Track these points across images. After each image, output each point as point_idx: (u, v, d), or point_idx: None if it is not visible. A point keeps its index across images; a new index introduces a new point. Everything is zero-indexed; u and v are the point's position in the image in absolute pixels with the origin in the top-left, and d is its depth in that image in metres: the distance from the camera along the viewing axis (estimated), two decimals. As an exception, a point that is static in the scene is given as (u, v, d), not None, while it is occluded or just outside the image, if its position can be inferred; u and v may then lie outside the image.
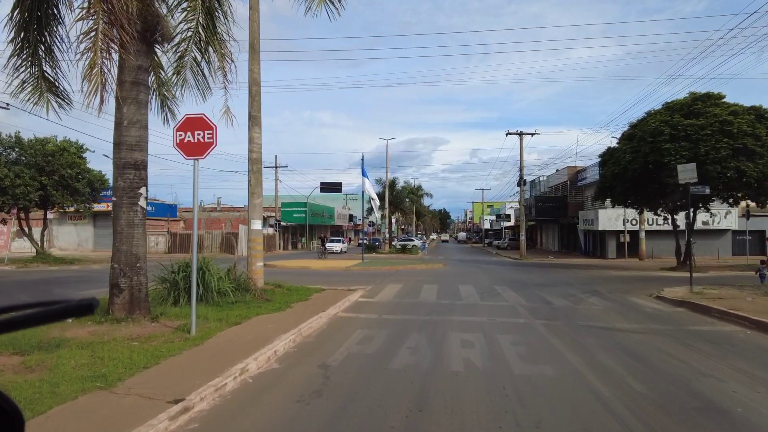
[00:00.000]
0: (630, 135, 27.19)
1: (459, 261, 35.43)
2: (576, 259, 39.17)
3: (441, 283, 18.17)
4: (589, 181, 43.35)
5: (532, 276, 22.43)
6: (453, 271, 24.18)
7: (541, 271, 26.13)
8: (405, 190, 57.46)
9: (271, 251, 48.42)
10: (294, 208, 57.16)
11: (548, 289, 16.98)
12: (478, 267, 28.47)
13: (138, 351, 6.82)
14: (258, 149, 14.05)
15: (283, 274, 21.74)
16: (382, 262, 28.70)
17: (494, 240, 71.67)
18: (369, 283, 17.99)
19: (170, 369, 6.10)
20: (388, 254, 42.30)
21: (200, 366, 6.23)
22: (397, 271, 23.77)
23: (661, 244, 39.34)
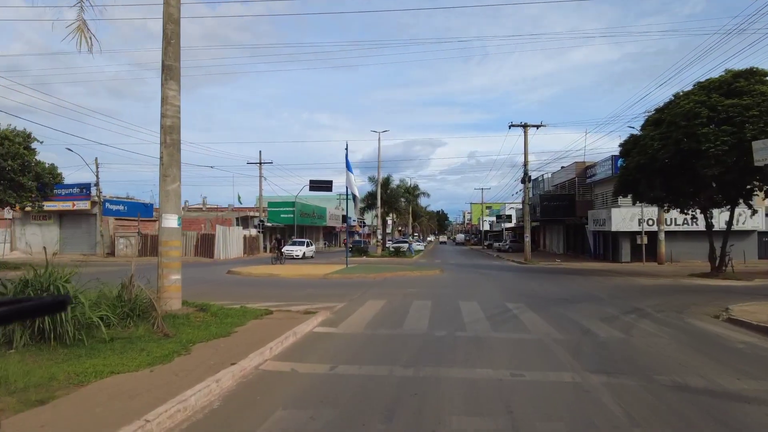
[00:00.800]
0: (656, 120, 22.98)
1: (458, 266, 31.16)
2: (587, 263, 34.93)
3: (436, 297, 13.91)
4: (599, 178, 39.16)
5: (548, 285, 18.18)
6: (451, 280, 19.94)
7: (553, 278, 21.87)
8: (400, 189, 53.20)
9: (253, 254, 44.15)
10: (281, 208, 52.95)
11: (576, 306, 12.73)
12: (480, 273, 24.22)
13: None
14: (175, 113, 9.81)
15: (241, 285, 17.48)
16: (369, 267, 24.44)
17: (494, 242, 67.41)
18: (343, 297, 13.73)
19: None
20: (379, 258, 38.05)
21: None
22: (384, 280, 19.50)
23: (681, 246, 35.16)
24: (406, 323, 9.79)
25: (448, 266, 29.98)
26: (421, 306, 12.16)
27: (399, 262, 33.48)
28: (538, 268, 30.42)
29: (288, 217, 52.67)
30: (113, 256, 39.75)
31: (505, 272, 25.67)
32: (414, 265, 30.29)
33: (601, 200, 39.97)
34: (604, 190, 39.07)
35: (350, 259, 36.91)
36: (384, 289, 16.31)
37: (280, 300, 13.07)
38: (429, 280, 19.34)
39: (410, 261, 35.66)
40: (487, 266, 31.28)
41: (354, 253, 39.12)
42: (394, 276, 20.87)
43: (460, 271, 25.30)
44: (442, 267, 28.01)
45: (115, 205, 42.90)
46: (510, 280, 20.90)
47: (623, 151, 24.70)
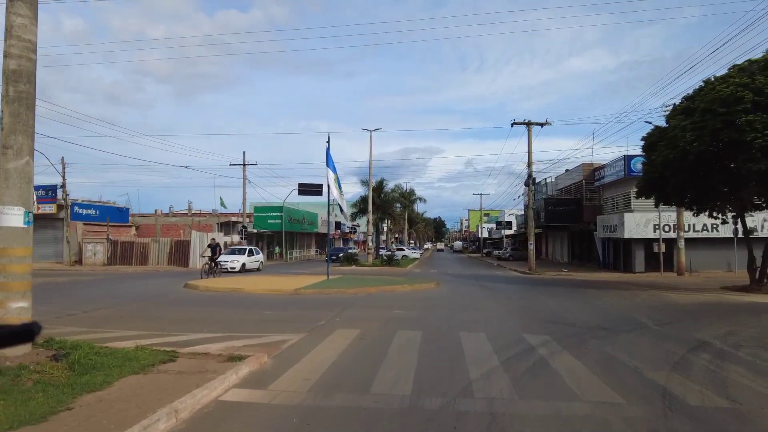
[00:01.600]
0: (686, 109, 19.56)
1: (456, 277, 27.60)
2: (597, 274, 31.43)
3: (429, 325, 10.34)
4: (609, 180, 35.73)
5: (567, 303, 14.63)
6: (449, 296, 16.37)
7: (569, 293, 18.33)
8: (394, 194, 49.72)
9: (235, 263, 40.46)
10: (268, 213, 49.35)
11: (621, 340, 9.20)
12: (482, 287, 20.67)
13: None
14: (25, 51, 6.29)
15: (186, 304, 13.91)
16: (354, 280, 20.89)
17: (494, 249, 63.91)
18: (305, 325, 10.17)
19: None
20: (370, 267, 34.48)
21: None
22: (367, 296, 15.94)
23: (700, 255, 31.66)
24: (379, 379, 6.20)
25: (445, 277, 26.43)
26: (407, 341, 8.59)
27: (390, 272, 29.91)
28: (546, 279, 26.89)
29: (275, 223, 49.08)
30: (81, 264, 36.12)
31: (511, 285, 22.13)
32: (407, 276, 26.73)
33: (611, 204, 36.53)
34: (614, 194, 35.65)
35: (338, 269, 33.39)
36: (363, 310, 12.73)
37: (219, 329, 9.52)
38: (422, 297, 15.77)
39: (404, 271, 32.10)
40: (489, 277, 27.73)
41: (343, 261, 35.59)
42: (380, 291, 17.31)
43: (459, 284, 21.75)
44: (438, 279, 24.46)
45: (85, 209, 39.30)
46: (519, 295, 17.35)
47: (647, 146, 21.25)
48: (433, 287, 19.18)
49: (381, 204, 47.99)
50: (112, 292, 17.20)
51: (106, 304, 13.78)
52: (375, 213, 48.48)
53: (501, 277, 28.46)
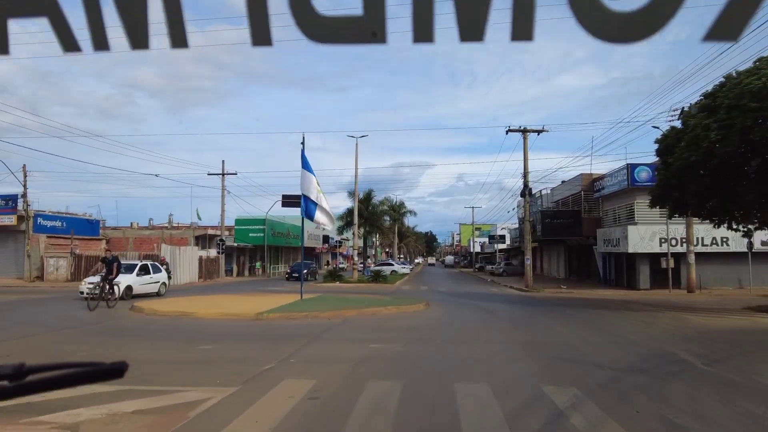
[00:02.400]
0: (708, 107, 17.24)
1: (449, 295, 24.94)
2: (599, 291, 28.91)
3: (412, 371, 7.66)
4: (609, 191, 33.41)
5: (585, 334, 11.99)
6: (440, 322, 13.69)
7: (581, 317, 15.72)
8: (383, 206, 47.18)
9: (212, 278, 37.62)
10: (250, 226, 46.56)
11: (674, 390, 6.59)
12: (479, 308, 18.02)
13: None
14: None
15: (116, 335, 11.17)
16: (332, 300, 18.20)
17: (486, 264, 61.35)
18: (240, 372, 7.44)
19: None
20: (355, 284, 31.75)
21: None
22: (342, 322, 13.23)
23: (709, 270, 29.18)
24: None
25: (436, 296, 23.77)
26: (379, 401, 5.91)
27: (376, 289, 27.20)
28: (547, 298, 24.29)
29: (258, 236, 46.30)
30: (42, 279, 33.12)
31: (511, 306, 19.50)
32: (394, 294, 24.05)
33: (612, 217, 34.16)
34: (616, 205, 33.28)
35: (319, 286, 30.64)
36: (331, 344, 10.04)
37: (137, 372, 6.79)
38: (408, 323, 13.08)
39: (391, 288, 29.40)
40: (485, 296, 25.09)
41: (327, 278, 32.85)
42: (359, 315, 14.61)
43: (452, 305, 19.09)
44: (428, 297, 21.81)
45: (50, 220, 36.36)
46: (522, 320, 14.72)
47: (662, 149, 18.84)
48: (422, 309, 16.51)
49: (369, 216, 45.41)
50: (38, 317, 14.38)
51: (15, 334, 11.01)
52: (362, 226, 45.88)
53: (497, 295, 25.83)
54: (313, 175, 17.87)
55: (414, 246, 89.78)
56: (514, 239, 55.23)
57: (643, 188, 30.90)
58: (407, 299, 19.12)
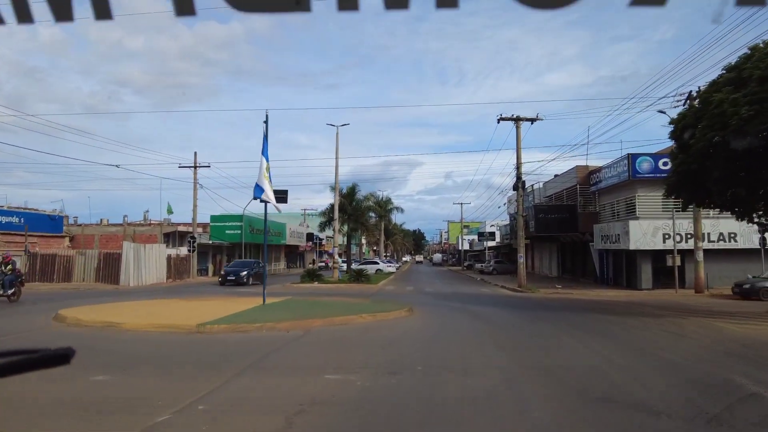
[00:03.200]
0: (734, 80, 14.73)
1: (436, 297, 22.31)
2: (598, 291, 26.47)
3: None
4: (608, 184, 30.99)
5: (610, 353, 9.34)
6: (424, 336, 10.97)
7: (595, 326, 13.13)
8: (367, 201, 44.42)
9: (182, 278, 34.66)
10: (227, 222, 43.58)
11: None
12: (471, 315, 15.38)
13: None
14: None
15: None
16: (299, 305, 15.51)
17: (475, 262, 58.88)
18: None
19: None
20: (334, 284, 29.01)
21: None
22: (301, 337, 10.51)
23: (715, 269, 26.77)
24: None
25: (422, 298, 21.14)
26: None
27: (357, 291, 24.51)
28: (543, 300, 21.77)
29: (234, 233, 43.31)
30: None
31: (507, 310, 16.90)
32: (375, 296, 21.40)
33: (610, 211, 31.77)
34: (615, 199, 30.88)
35: (294, 287, 27.85)
36: (271, 374, 7.29)
37: None
38: (383, 338, 10.37)
39: (373, 289, 26.72)
40: (476, 298, 22.49)
41: (304, 278, 30.07)
42: (327, 325, 11.90)
43: (440, 310, 16.44)
44: (413, 300, 19.18)
45: (5, 216, 33.19)
46: (524, 331, 12.07)
47: (679, 129, 16.28)
48: (403, 316, 13.83)
49: (353, 212, 42.59)
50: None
51: None
52: (346, 222, 43.13)
53: (489, 297, 23.24)
54: (264, 159, 15.16)
55: (401, 244, 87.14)
56: (504, 236, 52.84)
57: (645, 180, 28.56)
58: (388, 304, 16.43)
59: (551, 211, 34.97)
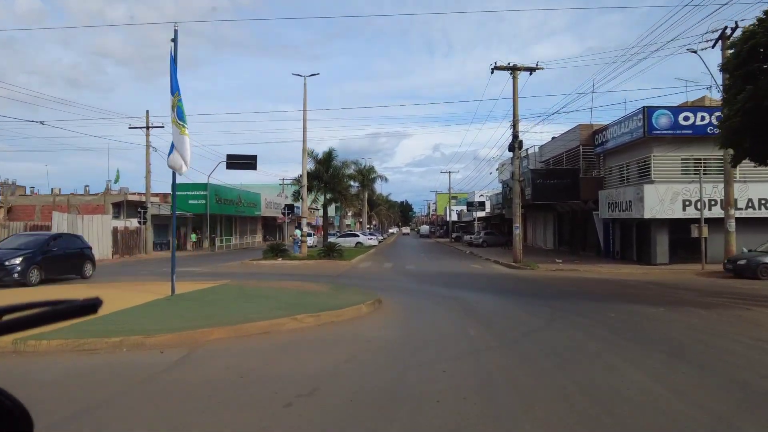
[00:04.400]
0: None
1: (418, 278, 17.94)
2: (609, 267, 22.27)
3: None
4: (617, 144, 26.53)
5: (706, 398, 5.04)
6: (382, 359, 6.53)
7: (639, 326, 8.81)
8: (345, 168, 39.69)
9: (131, 254, 29.97)
10: (190, 192, 38.68)
11: None
12: (460, 305, 10.98)
13: None
14: None
15: None
16: (224, 296, 11.02)
17: (464, 234, 54.69)
18: None
19: None
20: (302, 261, 24.50)
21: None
22: (180, 360, 6.07)
23: (744, 240, 22.40)
24: None
25: (400, 280, 16.77)
26: None
27: (322, 271, 20.06)
28: (548, 280, 17.49)
29: (199, 204, 38.53)
30: None
31: (509, 299, 12.52)
32: (342, 278, 17.00)
33: (618, 176, 27.44)
34: (626, 161, 26.51)
35: (250, 264, 23.20)
36: None
37: None
38: (304, 377, 5.75)
39: (344, 267, 22.29)
40: (467, 278, 18.15)
41: (267, 254, 25.52)
42: (234, 337, 7.42)
43: (420, 300, 12.00)
44: (388, 284, 14.82)
45: None
46: (546, 342, 7.63)
47: (741, 58, 11.73)
48: (364, 314, 9.40)
49: (329, 180, 37.94)
50: None
51: None
52: (322, 191, 38.51)
53: (483, 277, 18.89)
54: (173, 96, 10.30)
55: (386, 215, 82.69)
56: (495, 206, 48.52)
57: (663, 138, 24.11)
58: (350, 292, 11.95)
59: (550, 176, 30.55)
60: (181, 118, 10.02)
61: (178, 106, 10.07)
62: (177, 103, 10.11)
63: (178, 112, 10.00)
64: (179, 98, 10.22)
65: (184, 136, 9.99)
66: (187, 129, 10.16)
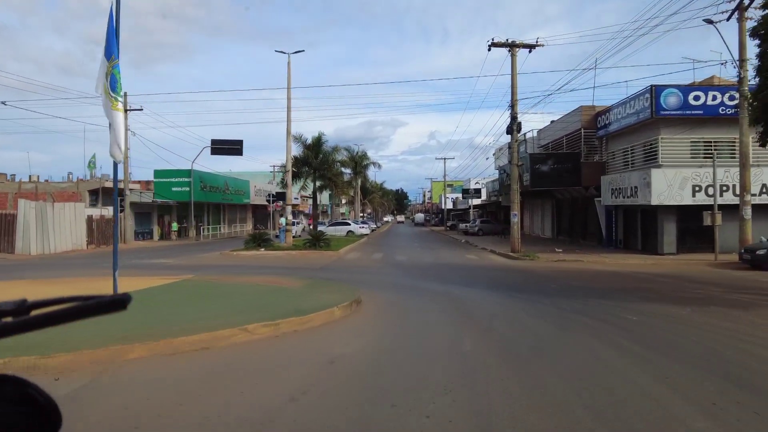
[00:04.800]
0: None
1: (408, 271, 16.34)
2: (613, 257, 20.73)
3: None
4: (620, 126, 24.84)
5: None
6: (344, 400, 5.06)
7: (682, 339, 7.23)
8: (336, 153, 37.87)
9: (107, 244, 28.22)
10: (173, 178, 36.84)
11: None
12: (454, 305, 9.39)
13: None
14: None
15: None
16: (177, 296, 9.36)
17: (459, 222, 53.09)
18: None
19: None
20: (285, 251, 22.83)
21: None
22: (78, 390, 4.39)
23: (757, 228, 20.94)
24: None
25: (388, 274, 15.14)
26: None
27: (303, 263, 18.42)
28: (551, 272, 15.90)
29: (182, 191, 36.67)
30: None
31: (511, 298, 10.90)
32: (324, 271, 15.36)
33: (621, 160, 25.79)
34: (629, 144, 24.85)
35: (230, 255, 21.58)
36: None
37: None
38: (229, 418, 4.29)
39: (330, 258, 20.66)
40: (463, 270, 16.53)
41: (248, 243, 23.82)
42: (160, 355, 5.78)
43: (408, 299, 10.37)
44: (374, 279, 13.20)
45: None
46: (562, 363, 6.01)
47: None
48: (336, 318, 7.77)
49: (318, 166, 36.14)
50: None
51: None
52: (312, 178, 36.73)
53: (479, 268, 17.30)
54: (108, 61, 8.38)
55: (380, 203, 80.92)
56: (492, 193, 46.89)
57: (672, 119, 22.40)
58: (326, 290, 10.29)
59: (550, 161, 28.84)
60: (115, 90, 8.26)
61: (113, 74, 8.30)
62: (112, 71, 8.34)
63: (111, 82, 8.23)
64: (116, 64, 8.44)
65: (117, 111, 8.24)
66: (121, 104, 8.41)
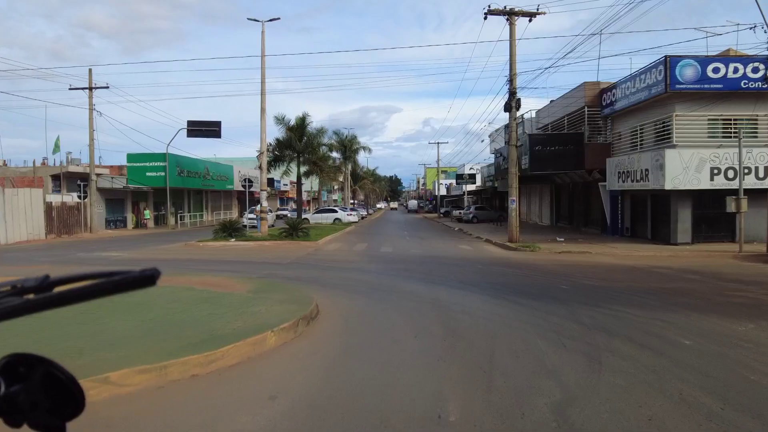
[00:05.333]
0: None
1: (391, 265, 13.97)
2: (622, 247, 18.48)
3: None
4: (628, 104, 22.39)
5: None
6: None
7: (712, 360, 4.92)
8: (321, 135, 35.27)
9: (69, 234, 25.73)
10: (147, 162, 34.21)
11: None
12: (440, 321, 7.07)
13: None
14: None
15: None
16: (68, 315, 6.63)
17: (453, 209, 50.75)
18: None
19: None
20: (257, 242, 20.40)
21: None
22: None
23: None
24: None
25: (366, 270, 12.76)
26: None
27: (271, 257, 15.98)
28: (554, 266, 13.57)
29: (158, 176, 34.08)
30: None
31: (516, 306, 8.55)
32: (289, 267, 13.00)
33: (629, 141, 23.41)
34: (638, 123, 22.44)
35: (194, 246, 19.22)
36: None
37: None
38: None
39: (306, 249, 18.27)
40: (453, 263, 14.18)
41: (217, 233, 21.35)
42: None
43: (382, 305, 8.05)
44: (346, 280, 10.87)
45: None
46: (589, 406, 3.70)
47: None
48: (270, 348, 5.39)
49: (303, 150, 33.60)
50: None
51: None
52: (296, 162, 34.18)
53: (474, 262, 14.94)
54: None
55: (372, 189, 78.43)
56: (487, 178, 44.49)
57: (687, 94, 19.93)
58: (277, 297, 7.91)
59: (551, 143, 26.40)
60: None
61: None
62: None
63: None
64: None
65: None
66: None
